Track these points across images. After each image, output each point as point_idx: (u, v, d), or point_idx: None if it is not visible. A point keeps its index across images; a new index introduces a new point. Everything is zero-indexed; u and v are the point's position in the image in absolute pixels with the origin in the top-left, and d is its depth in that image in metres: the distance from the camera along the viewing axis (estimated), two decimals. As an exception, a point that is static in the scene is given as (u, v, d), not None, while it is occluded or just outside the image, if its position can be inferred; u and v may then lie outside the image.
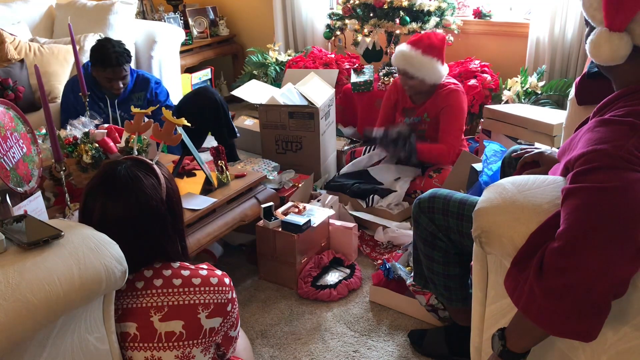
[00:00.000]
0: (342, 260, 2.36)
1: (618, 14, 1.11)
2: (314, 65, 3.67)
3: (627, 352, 1.09)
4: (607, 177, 1.01)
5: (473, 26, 3.65)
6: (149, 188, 1.25)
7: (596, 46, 1.15)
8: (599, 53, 1.15)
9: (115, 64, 2.64)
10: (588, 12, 1.18)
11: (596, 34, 1.15)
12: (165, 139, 1.89)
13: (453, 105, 2.72)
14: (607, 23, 1.13)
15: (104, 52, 2.64)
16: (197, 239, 2.03)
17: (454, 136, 2.74)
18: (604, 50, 1.14)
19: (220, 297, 1.26)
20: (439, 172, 2.72)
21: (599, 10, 1.15)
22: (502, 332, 1.17)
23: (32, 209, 1.62)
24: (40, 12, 3.87)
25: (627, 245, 0.97)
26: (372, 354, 1.90)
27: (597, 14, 1.16)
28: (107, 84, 2.72)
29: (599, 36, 1.14)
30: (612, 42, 1.13)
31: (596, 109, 1.25)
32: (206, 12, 4.62)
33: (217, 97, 3.04)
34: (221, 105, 3.03)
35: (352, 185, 2.77)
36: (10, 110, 1.80)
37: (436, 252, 1.69)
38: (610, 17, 1.12)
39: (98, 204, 1.23)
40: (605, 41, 1.13)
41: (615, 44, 1.13)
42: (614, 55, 1.14)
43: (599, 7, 1.15)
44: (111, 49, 2.64)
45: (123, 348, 1.24)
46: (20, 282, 0.99)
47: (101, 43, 2.70)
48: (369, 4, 3.45)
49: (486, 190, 1.23)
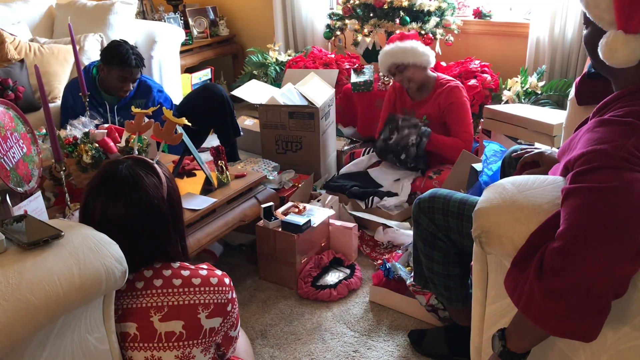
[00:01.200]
0: (342, 260, 2.36)
1: (634, 15, 1.09)
2: (314, 65, 3.67)
3: (627, 352, 1.09)
4: (607, 177, 1.01)
5: (473, 26, 3.65)
6: (150, 187, 1.25)
7: (612, 49, 1.12)
8: (615, 56, 1.12)
9: (134, 65, 2.64)
10: (593, 13, 1.16)
11: (611, 37, 1.12)
12: (166, 138, 1.89)
13: (457, 102, 2.75)
14: (622, 25, 1.10)
15: (124, 52, 2.62)
16: (197, 239, 2.03)
17: (466, 131, 2.76)
18: (621, 53, 1.11)
19: (220, 297, 1.26)
20: (439, 174, 2.72)
21: (607, 11, 1.12)
22: (502, 333, 1.17)
23: (32, 209, 1.62)
24: (40, 12, 3.87)
25: (627, 245, 0.97)
26: (372, 354, 1.90)
27: (606, 15, 1.13)
28: (117, 84, 2.69)
29: (615, 39, 1.11)
30: (629, 45, 1.10)
31: (596, 109, 1.25)
32: (206, 12, 4.62)
33: (224, 93, 3.04)
34: (227, 102, 3.02)
35: (350, 187, 2.78)
36: (10, 110, 1.80)
37: (436, 252, 1.69)
38: (624, 19, 1.10)
39: (99, 204, 1.23)
40: (622, 44, 1.10)
41: (632, 47, 1.10)
42: (630, 58, 1.11)
43: (607, 9, 1.12)
44: (130, 50, 2.64)
45: (123, 348, 1.24)
46: (20, 282, 0.99)
47: (118, 43, 2.68)
48: (369, 4, 3.45)
49: (486, 190, 1.23)
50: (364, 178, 2.90)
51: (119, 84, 2.69)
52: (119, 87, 2.71)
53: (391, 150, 2.81)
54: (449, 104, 2.75)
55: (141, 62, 2.69)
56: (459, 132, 2.76)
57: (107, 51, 2.67)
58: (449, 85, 2.76)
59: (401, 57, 2.72)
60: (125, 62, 2.61)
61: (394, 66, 2.75)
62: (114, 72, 2.66)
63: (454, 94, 2.75)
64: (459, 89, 2.77)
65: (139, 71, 2.70)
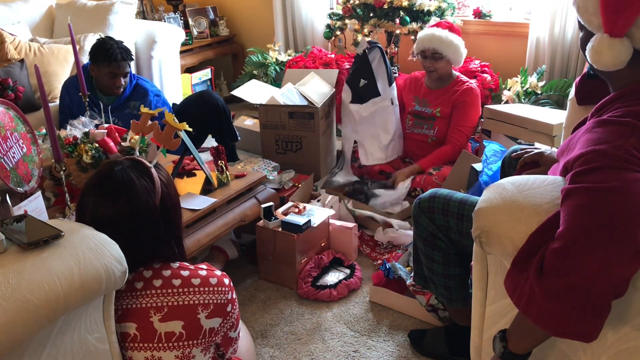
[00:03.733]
0: (342, 260, 2.36)
1: (618, 20, 1.10)
2: (314, 65, 3.67)
3: (627, 352, 1.09)
4: (606, 178, 1.01)
5: (473, 26, 3.65)
6: (141, 192, 1.24)
7: (597, 53, 1.13)
8: (601, 59, 1.13)
9: (120, 58, 2.63)
10: (584, 17, 1.17)
11: (597, 40, 1.13)
12: (164, 142, 1.88)
13: (468, 102, 2.78)
14: (607, 29, 1.11)
15: (108, 48, 2.63)
16: (197, 239, 2.03)
17: (462, 134, 2.78)
18: (606, 57, 1.12)
19: (220, 297, 1.26)
20: (438, 170, 2.73)
21: (595, 15, 1.13)
22: (503, 334, 1.17)
23: (32, 209, 1.62)
24: (40, 12, 3.87)
25: (627, 245, 0.97)
26: (372, 354, 1.90)
27: (594, 19, 1.14)
28: (109, 82, 2.68)
29: (600, 43, 1.12)
30: (613, 48, 1.11)
31: (594, 110, 1.25)
32: (206, 12, 4.63)
33: (220, 102, 3.02)
34: (223, 111, 3.00)
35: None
36: (10, 110, 1.81)
37: (436, 252, 1.69)
38: (610, 23, 1.11)
39: (90, 203, 1.24)
40: (607, 48, 1.11)
41: (617, 50, 1.11)
42: (616, 61, 1.12)
43: (595, 12, 1.13)
44: (114, 45, 2.64)
45: (123, 348, 1.24)
46: (20, 282, 0.99)
47: (103, 40, 2.70)
48: (369, 4, 3.45)
49: (486, 190, 1.23)
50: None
51: (109, 80, 2.69)
52: (111, 84, 2.70)
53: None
54: (461, 102, 2.78)
55: (128, 56, 2.68)
56: (454, 130, 2.78)
57: (92, 50, 2.68)
58: (468, 85, 2.81)
59: (444, 48, 2.72)
60: (111, 57, 2.61)
61: (432, 51, 2.76)
62: (102, 70, 2.66)
63: (468, 94, 2.78)
64: (475, 92, 2.80)
65: (127, 65, 2.69)
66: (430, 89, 2.89)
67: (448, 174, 2.63)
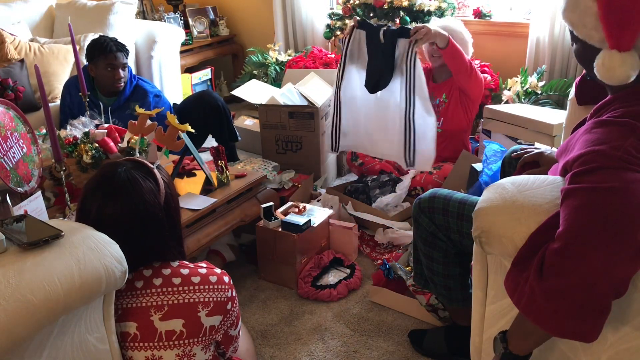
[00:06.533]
0: (342, 260, 2.36)
1: (624, 34, 1.08)
2: (314, 65, 3.67)
3: (627, 352, 1.09)
4: (606, 178, 1.01)
5: (473, 26, 3.64)
6: (147, 192, 1.24)
7: (609, 69, 1.11)
8: (614, 75, 1.11)
9: (115, 49, 2.66)
10: (582, 32, 1.15)
11: (606, 57, 1.11)
12: (167, 143, 1.87)
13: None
14: (614, 44, 1.09)
15: (102, 42, 2.67)
16: (197, 239, 2.03)
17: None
18: (619, 72, 1.10)
19: (220, 295, 1.26)
20: (439, 169, 2.72)
21: (595, 29, 1.12)
22: (503, 335, 1.17)
23: (32, 209, 1.62)
24: (40, 12, 3.87)
25: (626, 245, 0.97)
26: (372, 354, 1.90)
27: (595, 34, 1.12)
28: (108, 76, 2.68)
29: (611, 59, 1.10)
30: (625, 63, 1.09)
31: (593, 111, 1.25)
32: (206, 12, 4.63)
33: (220, 102, 3.02)
34: (223, 111, 3.00)
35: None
36: (10, 110, 1.81)
37: (436, 252, 1.69)
38: (615, 38, 1.09)
39: (95, 205, 1.23)
40: (619, 64, 1.09)
41: (629, 64, 1.09)
42: (628, 74, 1.10)
43: (595, 27, 1.11)
44: (107, 39, 2.68)
45: (123, 348, 1.24)
46: (20, 282, 0.99)
47: (96, 38, 2.75)
48: (369, 4, 3.45)
49: (486, 190, 1.23)
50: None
51: (109, 74, 2.69)
52: (111, 78, 2.70)
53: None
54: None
55: (123, 47, 2.70)
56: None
57: (88, 49, 2.71)
58: None
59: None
60: (106, 49, 2.64)
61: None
62: (100, 65, 2.68)
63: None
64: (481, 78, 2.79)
65: (124, 56, 2.71)
66: (436, 82, 2.85)
67: (448, 174, 2.62)
